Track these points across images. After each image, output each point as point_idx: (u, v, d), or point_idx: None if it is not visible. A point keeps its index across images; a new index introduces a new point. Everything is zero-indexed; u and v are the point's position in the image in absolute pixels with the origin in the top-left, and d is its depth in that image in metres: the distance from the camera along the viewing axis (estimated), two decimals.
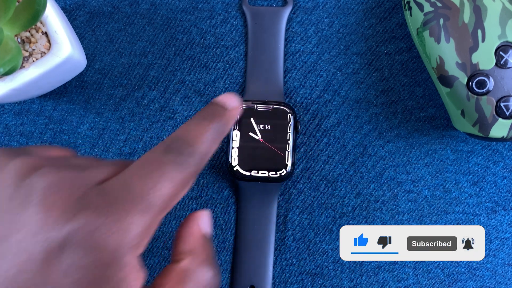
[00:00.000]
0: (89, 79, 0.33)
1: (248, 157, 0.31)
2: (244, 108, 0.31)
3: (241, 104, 0.29)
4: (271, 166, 0.31)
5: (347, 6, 0.33)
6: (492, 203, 0.32)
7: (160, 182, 0.18)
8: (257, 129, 0.31)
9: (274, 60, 0.32)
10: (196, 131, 0.20)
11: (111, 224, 0.17)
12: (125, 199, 0.17)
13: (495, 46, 0.28)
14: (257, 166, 0.31)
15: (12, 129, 0.33)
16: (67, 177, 0.18)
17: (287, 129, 0.31)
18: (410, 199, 0.33)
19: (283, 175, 0.31)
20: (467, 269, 0.32)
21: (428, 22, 0.29)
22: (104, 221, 0.17)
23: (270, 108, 0.31)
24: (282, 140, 0.31)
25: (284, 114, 0.31)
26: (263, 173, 0.31)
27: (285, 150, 0.31)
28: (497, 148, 0.33)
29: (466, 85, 0.28)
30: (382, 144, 0.33)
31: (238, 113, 0.23)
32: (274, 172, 0.31)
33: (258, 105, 0.31)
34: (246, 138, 0.31)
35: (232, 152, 0.31)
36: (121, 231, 0.17)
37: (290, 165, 0.31)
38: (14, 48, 0.26)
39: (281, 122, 0.31)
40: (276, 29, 0.32)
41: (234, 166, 0.31)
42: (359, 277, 0.32)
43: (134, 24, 0.33)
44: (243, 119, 0.31)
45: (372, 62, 0.33)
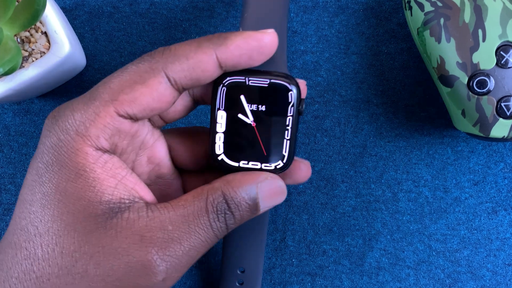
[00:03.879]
0: (88, 79, 0.33)
1: (236, 145, 0.25)
2: (232, 82, 0.24)
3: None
4: (264, 156, 0.25)
5: (348, 6, 0.33)
6: (493, 203, 0.32)
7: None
8: (249, 109, 0.24)
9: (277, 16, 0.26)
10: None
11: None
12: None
13: (495, 46, 0.28)
14: (247, 156, 0.25)
15: (11, 129, 0.32)
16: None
17: (287, 110, 0.24)
18: (411, 199, 0.33)
19: (278, 168, 0.25)
20: (467, 269, 0.32)
21: (429, 22, 0.29)
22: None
23: (266, 83, 0.24)
24: (279, 125, 0.24)
25: (284, 90, 0.24)
26: (254, 164, 0.25)
27: (282, 137, 0.24)
28: (497, 148, 0.32)
29: (466, 85, 0.28)
30: (383, 144, 0.33)
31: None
32: (267, 164, 0.25)
33: (251, 78, 0.24)
34: (234, 121, 0.24)
35: (216, 138, 0.24)
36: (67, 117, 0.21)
37: (288, 156, 0.25)
38: (13, 48, 0.26)
39: (280, 101, 0.24)
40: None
41: (219, 155, 0.25)
42: (360, 278, 0.32)
43: (133, 24, 0.33)
44: (230, 97, 0.24)
45: (372, 62, 0.33)
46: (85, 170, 0.21)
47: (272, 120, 0.24)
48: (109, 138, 0.21)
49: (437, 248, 0.32)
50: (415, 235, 0.32)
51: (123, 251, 0.20)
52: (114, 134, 0.21)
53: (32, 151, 0.33)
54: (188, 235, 0.21)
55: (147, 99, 0.21)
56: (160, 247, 0.21)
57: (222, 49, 0.21)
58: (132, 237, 0.20)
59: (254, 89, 0.24)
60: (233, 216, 0.22)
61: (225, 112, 0.24)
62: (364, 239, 0.32)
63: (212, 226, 0.22)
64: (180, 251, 0.21)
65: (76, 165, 0.21)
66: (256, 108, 0.24)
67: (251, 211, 0.23)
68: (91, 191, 0.21)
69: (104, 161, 0.21)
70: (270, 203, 0.23)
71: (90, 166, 0.21)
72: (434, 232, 0.32)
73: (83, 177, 0.21)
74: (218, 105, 0.24)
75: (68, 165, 0.21)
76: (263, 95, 0.24)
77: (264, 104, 0.24)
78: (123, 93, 0.21)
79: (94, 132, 0.21)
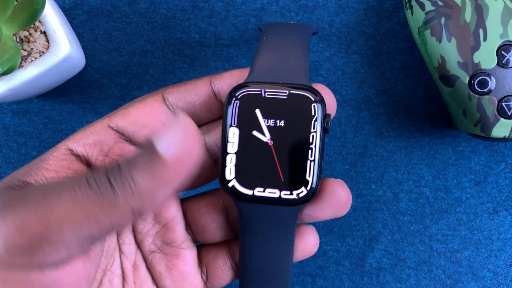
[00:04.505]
0: (88, 78, 0.32)
1: (250, 168, 0.21)
2: (246, 95, 0.21)
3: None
4: (284, 182, 0.20)
5: (348, 5, 0.32)
6: (494, 204, 0.32)
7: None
8: (265, 126, 0.21)
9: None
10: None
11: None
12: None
13: (496, 45, 0.28)
14: (263, 182, 0.21)
15: (10, 129, 0.32)
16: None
17: (310, 126, 0.20)
18: (412, 200, 0.32)
19: (301, 197, 0.20)
20: (468, 270, 0.32)
21: (430, 21, 0.29)
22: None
23: (285, 94, 0.21)
24: (302, 143, 0.20)
25: (306, 103, 0.20)
26: (271, 192, 0.21)
27: (305, 158, 0.20)
28: (499, 148, 0.32)
29: (467, 85, 0.28)
30: (383, 144, 0.33)
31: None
32: (288, 192, 0.20)
33: (267, 89, 0.21)
34: (249, 140, 0.21)
35: (227, 160, 0.21)
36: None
37: (313, 181, 0.20)
38: (12, 47, 0.26)
39: (301, 115, 0.20)
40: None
41: (230, 181, 0.21)
42: (360, 278, 0.32)
43: (133, 23, 0.32)
44: (244, 111, 0.21)
45: (373, 62, 0.33)
46: (40, 159, 0.21)
47: (293, 137, 0.20)
48: (89, 145, 0.21)
49: (438, 249, 0.32)
50: (416, 236, 0.32)
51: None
52: (95, 144, 0.21)
53: (31, 151, 0.32)
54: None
55: (139, 113, 0.21)
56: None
57: (217, 76, 0.22)
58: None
59: (271, 102, 0.21)
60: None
61: (238, 129, 0.21)
62: (364, 239, 0.32)
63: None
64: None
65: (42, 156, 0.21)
66: (273, 124, 0.21)
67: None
68: (19, 170, 0.20)
69: (63, 158, 0.21)
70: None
71: (47, 155, 0.21)
72: (435, 232, 0.32)
73: (33, 162, 0.21)
74: (230, 121, 0.21)
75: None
76: (281, 109, 0.21)
77: (283, 119, 0.21)
78: (121, 108, 0.22)
79: (79, 136, 0.21)
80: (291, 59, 0.22)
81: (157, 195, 0.17)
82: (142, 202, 0.17)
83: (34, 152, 0.32)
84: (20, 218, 0.17)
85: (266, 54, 0.22)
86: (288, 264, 0.22)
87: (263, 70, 0.22)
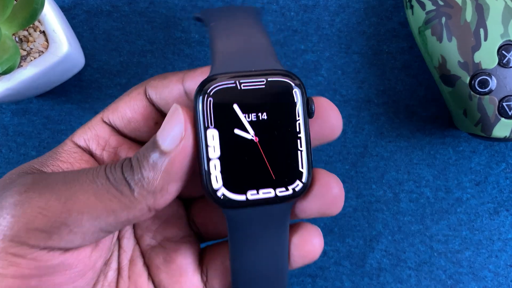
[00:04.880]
0: (87, 78, 0.32)
1: (238, 171, 0.19)
2: (219, 89, 0.18)
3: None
4: (277, 179, 0.19)
5: (348, 5, 0.32)
6: (495, 204, 0.32)
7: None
8: (247, 121, 0.19)
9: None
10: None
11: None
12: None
13: (497, 45, 0.28)
14: (255, 183, 0.19)
15: (9, 129, 0.32)
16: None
17: (295, 113, 0.19)
18: (412, 200, 0.32)
19: (298, 190, 0.19)
20: (469, 270, 0.32)
21: (430, 21, 0.28)
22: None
23: (263, 83, 0.19)
24: (288, 134, 0.19)
25: (287, 90, 0.19)
26: (266, 192, 0.19)
27: (295, 149, 0.19)
28: (499, 148, 0.32)
29: (468, 85, 0.28)
30: (384, 144, 0.32)
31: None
32: (283, 188, 0.19)
33: (243, 80, 0.19)
34: (231, 140, 0.19)
35: (210, 167, 0.19)
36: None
37: (307, 172, 0.19)
38: (11, 47, 0.26)
39: (284, 103, 0.19)
40: None
41: (218, 190, 0.19)
42: (360, 279, 0.32)
43: (132, 23, 0.32)
44: (220, 109, 0.19)
45: (373, 61, 0.32)
46: (53, 152, 0.21)
47: (279, 129, 0.19)
48: (88, 140, 0.22)
49: (439, 249, 0.32)
50: (417, 236, 0.32)
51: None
52: (93, 138, 0.22)
53: (30, 151, 0.32)
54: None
55: (125, 107, 0.22)
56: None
57: (189, 73, 0.21)
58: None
59: (249, 94, 0.19)
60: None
61: (217, 130, 0.19)
62: (365, 240, 0.32)
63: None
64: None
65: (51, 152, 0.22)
66: (255, 118, 0.19)
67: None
68: (34, 161, 0.21)
69: (74, 151, 0.22)
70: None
71: (58, 149, 0.22)
72: (435, 233, 0.32)
73: (46, 155, 0.22)
74: (206, 122, 0.18)
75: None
76: (261, 100, 0.19)
77: (265, 111, 0.19)
78: (113, 102, 0.22)
79: (80, 131, 0.22)
80: (252, 41, 0.20)
81: (169, 189, 0.18)
82: (157, 199, 0.18)
83: (33, 152, 0.32)
84: (45, 201, 0.18)
85: (223, 39, 0.20)
86: (283, 265, 0.21)
87: (227, 58, 0.19)
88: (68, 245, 0.18)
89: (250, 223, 0.20)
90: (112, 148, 0.22)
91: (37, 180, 0.19)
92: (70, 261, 0.19)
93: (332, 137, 0.21)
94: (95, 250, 0.20)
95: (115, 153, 0.22)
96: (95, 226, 0.18)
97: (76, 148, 0.22)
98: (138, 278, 0.23)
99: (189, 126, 0.18)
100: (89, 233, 0.18)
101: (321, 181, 0.20)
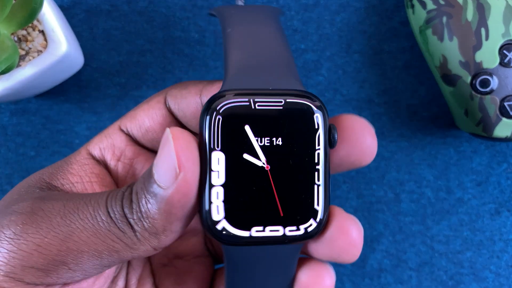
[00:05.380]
0: (86, 78, 0.32)
1: (244, 202, 0.17)
2: (231, 108, 0.16)
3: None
4: (287, 215, 0.17)
5: (349, 4, 0.32)
6: (496, 204, 0.32)
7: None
8: (258, 146, 0.17)
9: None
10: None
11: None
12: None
13: (498, 44, 0.28)
14: (261, 218, 0.17)
15: (8, 129, 0.32)
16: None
17: (315, 142, 0.17)
18: (413, 200, 0.32)
19: (310, 231, 0.17)
20: (470, 271, 0.32)
21: (431, 20, 0.28)
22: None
23: (281, 104, 0.17)
24: (305, 164, 0.17)
25: (307, 113, 0.17)
26: (273, 230, 0.17)
27: (312, 182, 0.17)
28: (500, 148, 0.32)
29: (469, 84, 0.28)
30: (385, 144, 0.32)
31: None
32: (294, 227, 0.17)
33: (258, 98, 0.16)
34: (239, 166, 0.17)
35: (212, 195, 0.16)
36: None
37: (322, 210, 0.17)
38: (10, 46, 0.26)
39: (302, 129, 0.17)
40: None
41: (218, 222, 0.16)
42: (361, 280, 0.32)
43: (132, 22, 0.32)
44: (229, 129, 0.16)
45: (374, 61, 0.32)
46: (65, 162, 0.21)
47: (294, 158, 0.17)
48: (104, 149, 0.21)
49: (440, 250, 0.32)
50: (418, 237, 0.32)
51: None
52: (108, 148, 0.21)
53: (29, 151, 0.32)
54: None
55: (144, 115, 0.21)
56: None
57: (207, 87, 0.20)
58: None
59: (264, 115, 0.16)
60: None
61: (223, 154, 0.16)
62: (365, 240, 0.32)
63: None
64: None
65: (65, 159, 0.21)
66: (269, 143, 0.17)
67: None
68: (44, 171, 0.20)
69: (85, 163, 0.21)
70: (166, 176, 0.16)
71: (71, 159, 0.21)
72: (436, 233, 0.32)
73: (57, 164, 0.21)
74: (211, 143, 0.16)
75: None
76: (277, 123, 0.16)
77: (280, 136, 0.16)
78: (132, 110, 0.21)
79: (96, 140, 0.21)
80: (273, 53, 0.18)
81: (173, 229, 0.17)
82: (161, 240, 0.17)
83: (32, 152, 0.32)
84: (41, 238, 0.17)
85: (238, 49, 0.18)
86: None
87: (242, 72, 0.17)
88: (68, 281, 0.17)
89: (252, 263, 0.18)
90: (127, 159, 0.21)
91: (36, 209, 0.18)
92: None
93: (360, 164, 0.18)
94: (99, 278, 0.19)
95: (130, 165, 0.21)
96: (96, 264, 0.17)
97: (88, 159, 0.21)
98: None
99: (186, 158, 0.16)
100: (90, 269, 0.17)
101: (338, 222, 0.18)
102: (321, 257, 0.18)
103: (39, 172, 0.20)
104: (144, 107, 0.21)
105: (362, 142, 0.18)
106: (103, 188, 0.20)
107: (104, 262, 0.17)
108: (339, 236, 0.17)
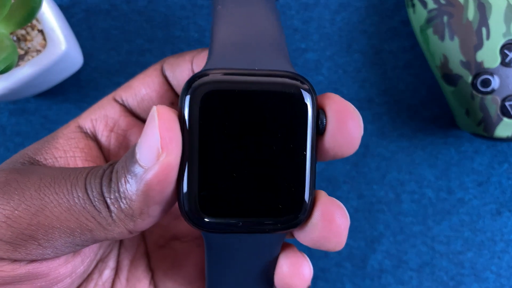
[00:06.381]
0: (85, 77, 0.32)
1: (224, 189, 0.16)
2: (212, 91, 0.15)
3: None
4: (270, 203, 0.16)
5: (349, 3, 0.32)
6: (497, 204, 0.32)
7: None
8: (243, 132, 0.16)
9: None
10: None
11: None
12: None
13: (500, 44, 0.28)
14: (243, 206, 0.16)
15: (7, 128, 0.32)
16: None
17: (302, 127, 0.16)
18: (414, 201, 0.32)
19: (294, 221, 0.16)
20: (471, 271, 0.32)
21: (432, 20, 0.28)
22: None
23: (267, 86, 0.16)
24: (290, 150, 0.16)
25: (295, 96, 0.16)
26: (255, 218, 0.16)
27: (297, 170, 0.16)
28: (502, 148, 0.32)
29: (470, 84, 0.28)
30: (385, 144, 0.32)
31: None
32: (283, 217, 0.16)
33: (242, 79, 0.15)
34: (220, 151, 0.15)
35: (189, 183, 0.16)
36: None
37: (307, 199, 0.16)
38: (9, 46, 0.26)
39: (289, 113, 0.16)
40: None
41: (197, 209, 0.16)
42: (362, 280, 0.32)
43: (131, 22, 0.32)
44: (211, 113, 0.15)
45: (375, 60, 0.32)
46: (52, 136, 0.20)
47: (279, 144, 0.16)
48: (95, 120, 0.20)
49: (441, 250, 0.32)
50: (418, 237, 0.32)
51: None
52: (101, 119, 0.20)
53: None
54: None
55: (139, 84, 0.20)
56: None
57: (202, 53, 0.19)
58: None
59: (247, 98, 0.15)
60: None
61: (204, 138, 0.15)
62: (366, 241, 0.32)
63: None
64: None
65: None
66: (252, 127, 0.15)
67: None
68: (30, 147, 0.20)
69: (72, 137, 0.20)
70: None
71: (58, 133, 0.20)
72: (437, 233, 0.32)
73: (44, 139, 0.20)
74: (191, 127, 0.15)
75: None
76: (262, 106, 0.15)
77: (265, 120, 0.15)
78: (127, 82, 0.21)
79: (87, 112, 0.20)
80: (263, 32, 0.17)
81: (150, 213, 0.16)
82: (137, 223, 0.16)
83: None
84: (11, 210, 0.16)
85: (225, 25, 0.17)
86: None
87: (227, 50, 0.16)
88: (37, 258, 0.16)
89: (233, 251, 0.17)
90: (121, 130, 0.20)
91: (10, 180, 0.17)
92: (40, 270, 0.17)
93: (343, 154, 0.17)
94: (74, 258, 0.18)
95: (124, 136, 0.20)
96: (68, 242, 0.16)
97: (76, 133, 0.20)
98: (137, 283, 0.20)
99: (170, 139, 0.15)
100: (62, 247, 0.16)
101: (322, 208, 0.17)
102: (306, 244, 0.17)
103: (26, 148, 0.20)
104: (140, 76, 0.21)
105: (345, 129, 0.17)
106: (85, 164, 0.19)
107: (77, 241, 0.16)
108: (323, 224, 0.16)
